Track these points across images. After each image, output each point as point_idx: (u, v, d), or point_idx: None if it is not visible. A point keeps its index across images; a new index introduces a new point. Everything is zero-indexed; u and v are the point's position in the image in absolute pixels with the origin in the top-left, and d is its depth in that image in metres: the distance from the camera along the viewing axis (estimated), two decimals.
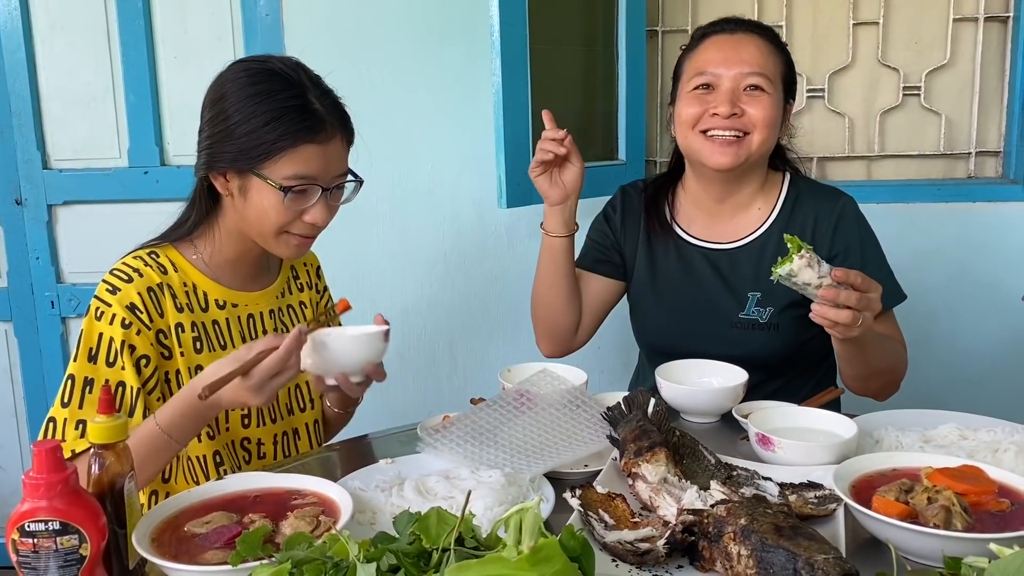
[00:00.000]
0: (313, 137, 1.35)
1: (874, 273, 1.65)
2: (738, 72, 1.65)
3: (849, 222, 1.72)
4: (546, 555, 0.77)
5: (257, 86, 1.35)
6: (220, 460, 1.45)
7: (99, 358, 1.36)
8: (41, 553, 0.89)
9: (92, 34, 2.69)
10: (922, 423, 1.39)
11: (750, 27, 1.71)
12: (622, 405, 1.41)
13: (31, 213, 2.77)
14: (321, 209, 1.40)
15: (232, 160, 1.36)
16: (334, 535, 0.88)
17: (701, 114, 1.67)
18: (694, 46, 1.75)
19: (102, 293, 1.39)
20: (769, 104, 1.65)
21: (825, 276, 1.37)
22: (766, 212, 1.77)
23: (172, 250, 1.47)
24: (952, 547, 0.93)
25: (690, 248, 1.80)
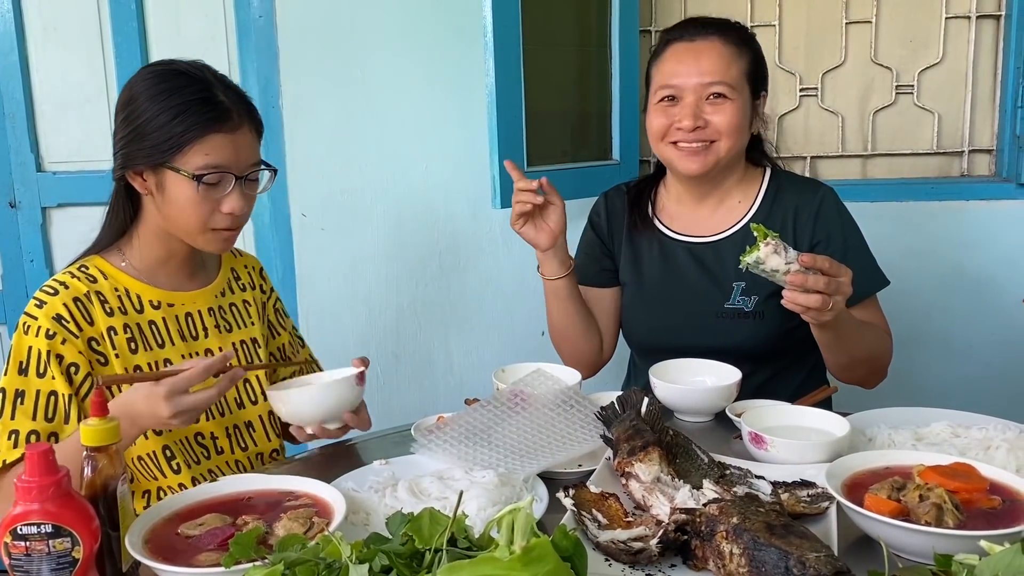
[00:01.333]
0: (220, 126, 1.39)
1: (856, 260, 1.68)
2: (698, 83, 1.67)
3: (829, 211, 1.74)
4: (538, 555, 0.77)
5: (163, 84, 1.40)
6: (171, 455, 1.45)
7: (29, 370, 1.38)
8: (34, 556, 0.89)
9: (85, 36, 2.69)
10: (914, 421, 1.39)
11: (710, 30, 1.71)
12: (615, 404, 1.41)
13: (25, 215, 2.77)
14: (237, 198, 1.42)
15: (146, 157, 1.39)
16: (327, 536, 0.88)
17: (668, 126, 1.71)
18: (658, 54, 1.77)
19: (30, 309, 1.41)
20: (733, 111, 1.67)
21: (792, 262, 1.39)
22: (747, 205, 1.79)
23: (99, 260, 1.49)
24: (943, 544, 0.93)
25: (673, 243, 1.82)
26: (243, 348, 1.59)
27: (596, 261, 1.91)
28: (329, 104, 2.58)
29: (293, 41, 2.57)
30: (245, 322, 1.61)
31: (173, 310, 1.51)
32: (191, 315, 1.53)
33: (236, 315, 1.61)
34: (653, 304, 1.82)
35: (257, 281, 1.70)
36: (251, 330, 1.62)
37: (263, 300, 1.69)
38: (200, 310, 1.55)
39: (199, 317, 1.54)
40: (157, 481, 1.46)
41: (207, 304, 1.56)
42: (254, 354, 1.60)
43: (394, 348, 2.71)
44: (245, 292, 1.65)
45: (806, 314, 1.44)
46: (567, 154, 2.50)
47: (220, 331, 1.56)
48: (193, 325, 1.53)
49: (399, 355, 2.72)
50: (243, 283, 1.66)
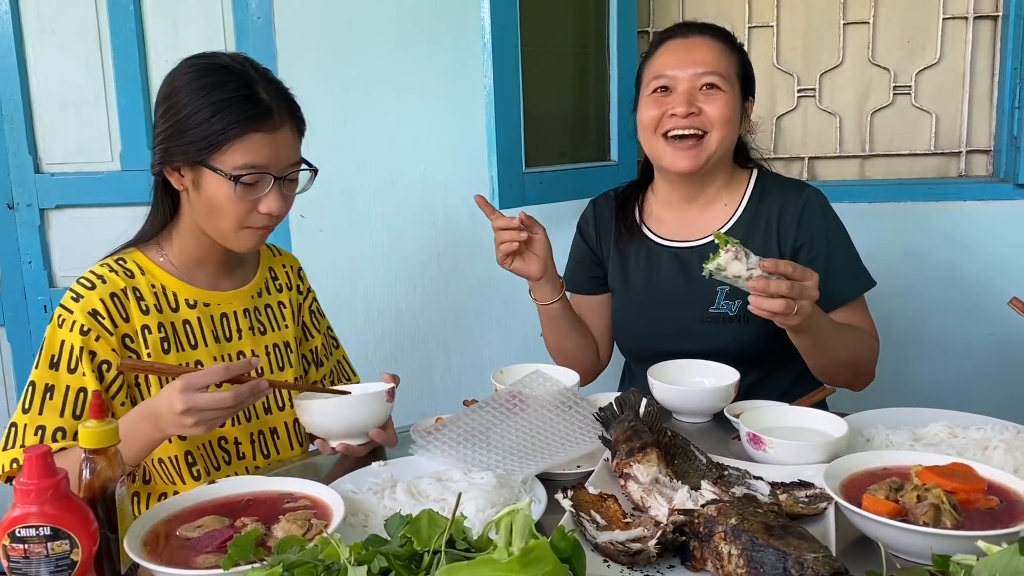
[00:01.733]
0: (261, 126, 1.36)
1: (840, 261, 1.69)
2: (693, 72, 1.69)
3: (813, 212, 1.74)
4: (536, 556, 0.77)
5: (204, 79, 1.38)
6: (192, 460, 1.44)
7: (60, 365, 1.37)
8: (32, 559, 0.89)
9: (83, 38, 2.69)
10: (912, 421, 1.39)
11: (703, 30, 1.75)
12: (614, 406, 1.41)
13: (23, 217, 2.77)
14: (275, 199, 1.40)
15: (184, 153, 1.38)
16: (325, 538, 0.88)
17: (660, 116, 1.71)
18: (651, 52, 1.78)
19: (66, 301, 1.40)
20: (726, 101, 1.69)
21: (754, 268, 1.40)
22: (732, 208, 1.79)
23: (138, 254, 1.48)
24: (941, 545, 0.93)
25: (659, 249, 1.83)
26: (275, 352, 1.57)
27: (586, 269, 1.92)
28: (327, 105, 2.58)
29: (291, 42, 2.57)
30: (279, 324, 1.60)
31: (208, 310, 1.50)
32: (226, 316, 1.52)
33: (271, 317, 1.59)
34: (639, 310, 1.83)
35: (295, 281, 1.68)
36: (284, 333, 1.60)
37: (299, 301, 1.68)
38: (236, 311, 1.54)
39: (233, 318, 1.53)
40: (175, 486, 1.45)
41: (243, 305, 1.55)
42: (285, 358, 1.59)
43: (392, 349, 2.71)
44: (281, 293, 1.64)
45: (774, 319, 1.45)
46: (565, 155, 2.50)
47: (254, 333, 1.55)
48: (227, 326, 1.52)
49: (397, 356, 2.72)
50: (280, 283, 1.64)
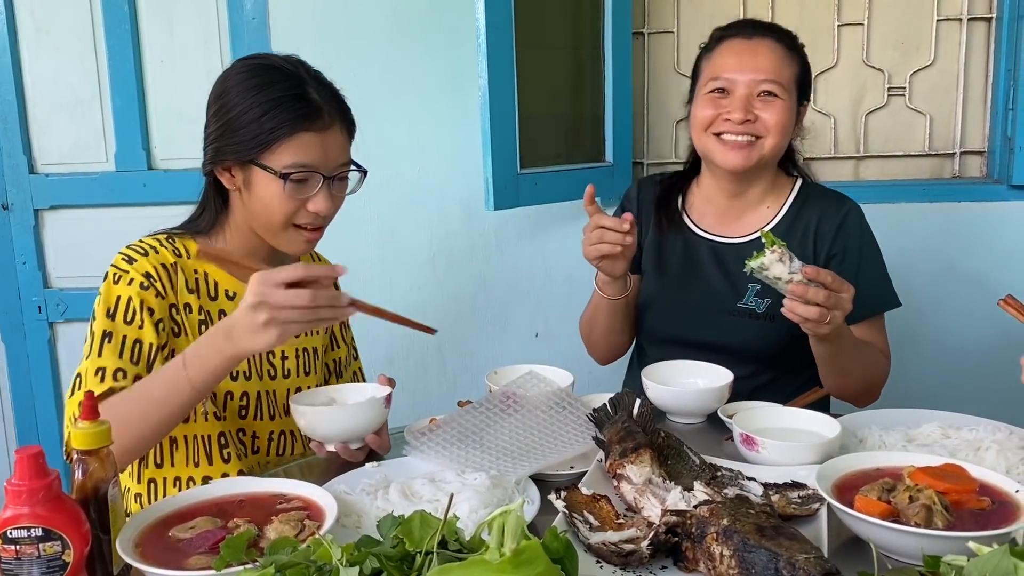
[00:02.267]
0: (311, 125, 1.37)
1: (868, 277, 1.70)
2: (752, 78, 1.67)
3: (852, 226, 1.76)
4: (528, 557, 0.77)
5: (255, 79, 1.39)
6: (225, 443, 1.45)
7: (117, 316, 1.37)
8: (24, 560, 0.89)
9: (78, 38, 2.69)
10: (905, 422, 1.40)
11: (767, 31, 1.73)
12: (607, 406, 1.41)
13: (17, 217, 2.76)
14: (324, 198, 1.41)
15: (234, 152, 1.38)
16: (318, 539, 0.88)
17: (715, 117, 1.70)
18: (711, 48, 1.77)
19: (118, 262, 1.41)
20: (782, 109, 1.68)
21: (796, 272, 1.42)
22: (774, 210, 1.80)
23: (189, 240, 1.48)
24: (932, 546, 0.93)
25: (698, 240, 1.83)
26: (303, 355, 1.57)
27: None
28: None
29: (286, 43, 2.57)
30: (310, 331, 1.60)
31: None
32: None
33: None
34: (669, 296, 1.83)
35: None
36: (313, 339, 1.60)
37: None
38: None
39: None
40: (199, 469, 1.45)
41: None
42: (312, 364, 1.59)
43: (387, 350, 2.71)
44: None
45: (804, 325, 1.46)
46: (560, 156, 2.51)
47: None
48: None
49: (392, 357, 2.71)
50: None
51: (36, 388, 2.86)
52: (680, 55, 2.70)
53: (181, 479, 1.46)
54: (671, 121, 2.73)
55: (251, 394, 1.49)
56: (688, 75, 2.64)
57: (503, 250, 2.68)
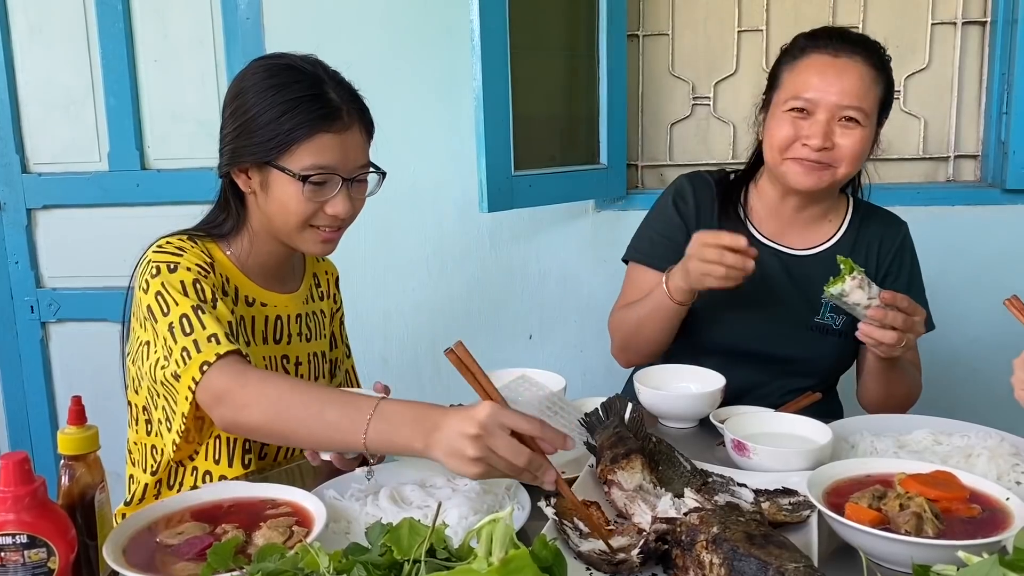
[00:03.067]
0: (329, 126, 1.35)
1: (916, 296, 1.68)
2: (836, 102, 1.60)
3: (908, 250, 1.80)
4: (516, 566, 0.77)
5: (273, 79, 1.36)
6: (248, 448, 1.44)
7: (191, 295, 1.33)
8: (8, 567, 0.89)
9: (72, 37, 2.68)
10: (897, 428, 1.40)
11: (855, 47, 1.63)
12: (599, 411, 1.41)
13: (10, 217, 2.76)
14: (343, 201, 1.38)
15: (252, 154, 1.36)
16: (305, 546, 0.88)
17: (792, 140, 1.64)
18: (795, 57, 1.68)
19: (162, 257, 1.36)
20: (861, 138, 1.62)
21: (875, 298, 1.45)
22: (835, 227, 1.79)
23: (211, 242, 1.46)
24: (921, 554, 0.93)
25: (763, 249, 1.75)
26: (314, 360, 1.57)
27: (675, 247, 1.73)
28: None
29: (280, 43, 2.56)
30: (320, 334, 1.60)
31: (265, 310, 1.49)
32: (280, 318, 1.51)
33: (317, 324, 1.59)
34: (739, 306, 1.72)
35: (332, 291, 1.68)
36: (322, 343, 1.60)
37: (333, 310, 1.68)
38: (289, 314, 1.53)
39: (287, 322, 1.52)
40: (219, 466, 1.44)
41: (296, 310, 1.54)
42: (320, 367, 1.59)
43: (381, 352, 2.70)
44: (323, 301, 1.64)
45: (878, 348, 1.49)
46: (554, 158, 2.50)
47: (302, 339, 1.54)
48: (280, 329, 1.51)
49: (386, 359, 2.71)
50: (322, 291, 1.64)
51: (28, 388, 2.85)
52: (675, 57, 2.70)
53: (199, 470, 1.45)
54: (666, 123, 2.73)
55: None
56: (683, 77, 2.68)
57: (497, 252, 2.68)
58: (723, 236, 1.52)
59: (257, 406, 1.21)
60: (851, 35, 1.67)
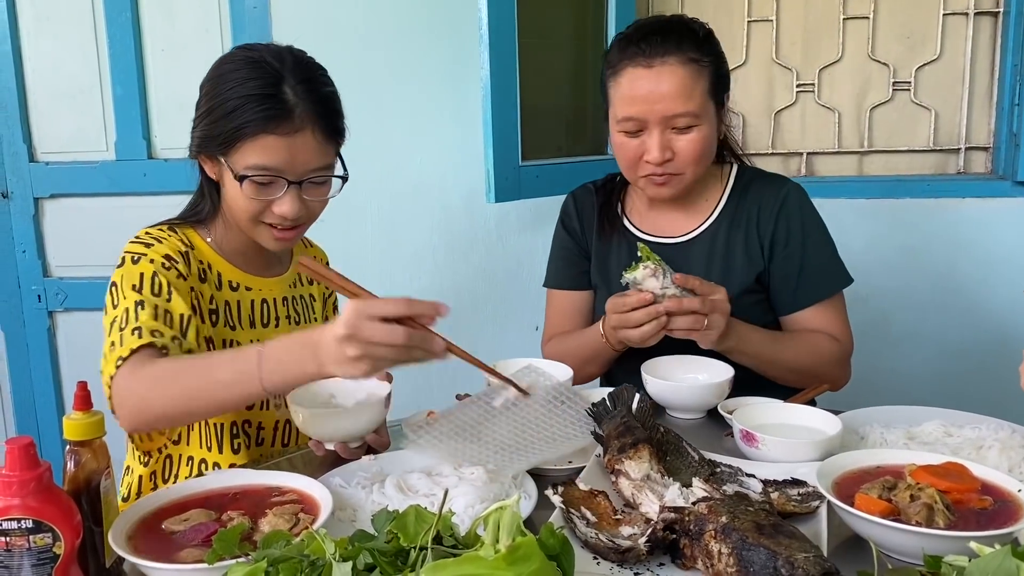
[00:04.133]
0: (275, 128, 1.32)
1: (815, 258, 1.69)
2: (662, 115, 1.58)
3: (791, 208, 1.71)
4: (523, 554, 0.76)
5: (237, 72, 1.35)
6: (236, 432, 1.44)
7: (144, 289, 1.33)
8: (14, 551, 0.88)
9: (79, 26, 2.68)
10: (907, 419, 1.38)
11: (667, 47, 1.59)
12: (607, 401, 1.40)
13: (17, 206, 2.76)
14: (289, 202, 1.36)
15: (208, 145, 1.38)
16: (311, 533, 0.87)
17: (635, 159, 1.64)
18: (615, 71, 1.64)
19: (133, 248, 1.38)
20: (700, 138, 1.61)
21: (669, 287, 1.46)
22: (713, 203, 1.77)
23: (190, 230, 1.47)
24: (933, 545, 0.92)
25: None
26: None
27: (574, 264, 1.86)
28: None
29: (287, 33, 2.55)
30: (311, 316, 1.60)
31: (250, 294, 1.50)
32: (266, 301, 1.52)
33: (305, 308, 1.60)
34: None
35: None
36: (314, 326, 1.59)
37: (326, 295, 1.68)
38: (275, 298, 1.54)
39: (273, 305, 1.53)
40: (211, 454, 1.44)
41: (281, 293, 1.55)
42: None
43: None
44: (312, 285, 1.63)
45: (689, 335, 1.48)
46: (562, 149, 2.49)
47: (290, 322, 1.55)
48: (266, 312, 1.52)
49: None
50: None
51: (35, 377, 2.86)
52: None
53: (194, 459, 1.45)
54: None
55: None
56: None
57: (504, 243, 2.67)
58: (631, 297, 1.50)
59: (154, 396, 1.20)
60: (661, 29, 1.62)
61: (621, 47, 1.64)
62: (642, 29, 1.64)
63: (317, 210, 1.44)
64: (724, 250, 1.73)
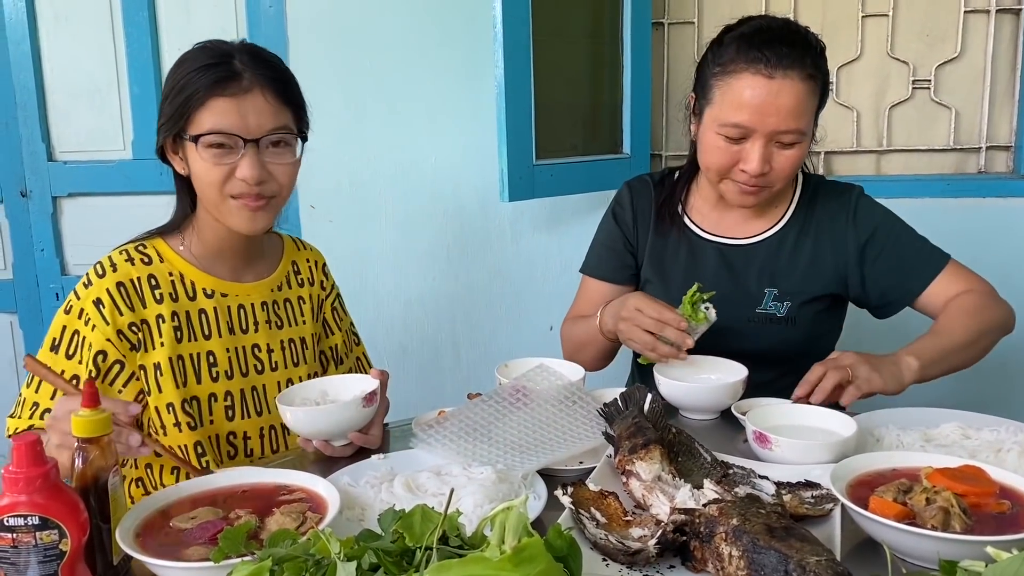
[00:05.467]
0: (222, 90, 1.36)
1: (910, 241, 1.70)
2: (773, 129, 1.54)
3: (864, 208, 1.72)
4: (529, 555, 0.76)
5: (187, 61, 1.40)
6: (202, 451, 1.44)
7: (60, 349, 1.40)
8: (21, 548, 0.88)
9: (96, 26, 2.70)
10: (924, 422, 1.36)
11: (791, 60, 1.52)
12: (618, 401, 1.39)
13: (36, 205, 2.78)
14: (249, 164, 1.38)
15: (167, 130, 1.40)
16: (317, 532, 0.87)
17: (730, 166, 1.60)
18: (727, 70, 1.57)
19: (78, 288, 1.43)
20: (798, 155, 1.59)
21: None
22: (782, 210, 1.75)
23: (160, 242, 1.49)
24: (949, 549, 0.91)
25: (703, 243, 1.77)
26: (290, 347, 1.57)
27: (618, 257, 1.83)
28: (339, 96, 2.57)
29: (303, 32, 2.56)
30: (296, 320, 1.59)
31: (226, 300, 1.50)
32: (243, 307, 1.52)
33: (289, 311, 1.59)
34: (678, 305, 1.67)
35: (318, 277, 1.67)
36: (301, 329, 1.59)
37: (321, 297, 1.67)
38: (253, 303, 1.53)
39: (251, 310, 1.53)
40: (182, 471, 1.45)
41: (261, 298, 1.55)
42: (300, 354, 1.58)
43: (401, 340, 2.70)
44: (303, 288, 1.63)
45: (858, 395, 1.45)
46: (576, 147, 2.48)
47: (270, 327, 1.54)
48: (244, 318, 1.51)
49: (406, 348, 2.71)
50: (302, 278, 1.63)
51: None
52: (700, 46, 2.65)
53: (180, 469, 1.46)
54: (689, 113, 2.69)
55: (235, 393, 1.48)
56: None
57: (518, 242, 2.66)
58: (665, 312, 1.50)
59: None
60: (786, 38, 1.55)
61: (740, 48, 1.56)
62: (764, 33, 1.56)
63: (282, 176, 1.43)
64: (789, 256, 1.71)
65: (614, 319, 1.61)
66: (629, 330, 1.55)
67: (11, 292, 2.84)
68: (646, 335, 1.53)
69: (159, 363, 1.41)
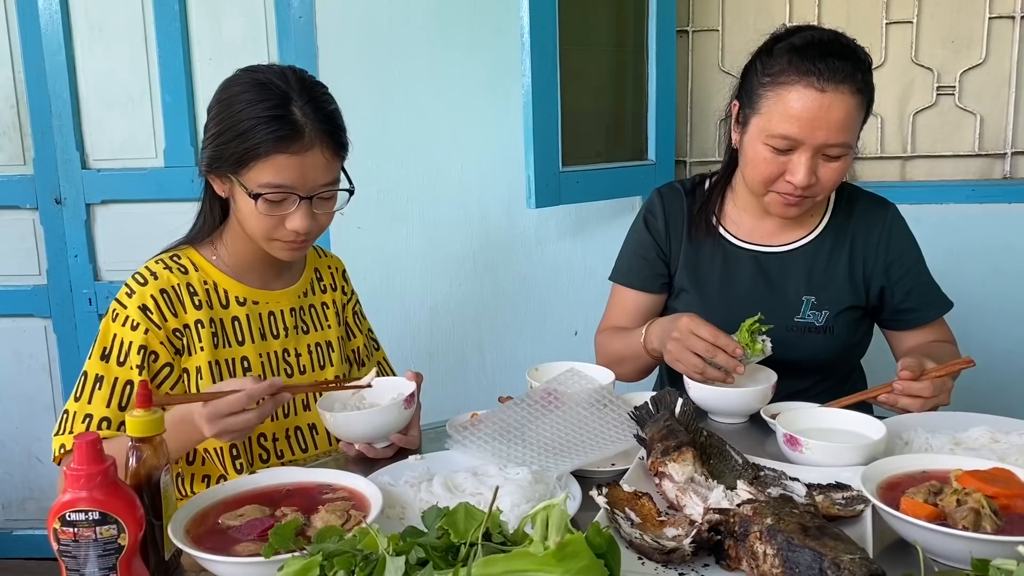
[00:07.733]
0: (287, 147, 1.37)
1: (924, 280, 1.72)
2: (822, 143, 1.53)
3: (900, 231, 1.74)
4: (572, 551, 0.78)
5: (246, 95, 1.39)
6: (236, 454, 1.48)
7: (111, 357, 1.42)
8: (81, 542, 0.92)
9: (130, 36, 2.75)
10: (953, 425, 1.37)
11: (843, 75, 1.52)
12: (649, 405, 1.41)
13: (70, 212, 2.83)
14: (302, 217, 1.41)
15: (217, 165, 1.42)
16: (364, 528, 0.90)
17: (775, 177, 1.60)
18: (776, 81, 1.56)
19: (121, 296, 1.46)
20: (844, 167, 1.59)
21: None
22: (817, 218, 1.75)
23: (193, 251, 1.53)
24: (981, 549, 0.92)
25: (737, 251, 1.76)
26: (316, 350, 1.60)
27: (650, 266, 1.81)
28: (367, 104, 2.60)
29: (332, 41, 2.60)
30: (322, 324, 1.63)
31: (257, 308, 1.54)
32: (273, 314, 1.56)
33: (315, 316, 1.63)
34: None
35: (339, 283, 1.71)
36: (327, 333, 1.63)
37: (343, 302, 1.71)
38: (282, 309, 1.57)
39: (280, 316, 1.56)
40: (218, 470, 1.50)
41: (289, 304, 1.59)
42: (327, 357, 1.61)
43: (427, 346, 2.73)
44: (326, 294, 1.67)
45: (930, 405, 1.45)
46: (601, 155, 2.51)
47: (297, 332, 1.58)
48: (273, 324, 1.55)
49: (432, 353, 2.73)
50: (325, 284, 1.68)
51: None
52: (724, 53, 2.68)
53: (211, 477, 1.51)
54: (714, 119, 2.71)
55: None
56: (733, 73, 2.66)
57: (544, 248, 2.69)
58: (721, 337, 1.49)
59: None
60: (838, 51, 1.54)
61: (792, 60, 1.55)
62: (817, 46, 1.55)
63: (325, 223, 1.49)
64: (825, 264, 1.72)
65: (661, 339, 1.59)
66: (679, 351, 1.53)
67: (45, 298, 2.90)
68: (696, 358, 1.50)
69: (200, 367, 1.45)
